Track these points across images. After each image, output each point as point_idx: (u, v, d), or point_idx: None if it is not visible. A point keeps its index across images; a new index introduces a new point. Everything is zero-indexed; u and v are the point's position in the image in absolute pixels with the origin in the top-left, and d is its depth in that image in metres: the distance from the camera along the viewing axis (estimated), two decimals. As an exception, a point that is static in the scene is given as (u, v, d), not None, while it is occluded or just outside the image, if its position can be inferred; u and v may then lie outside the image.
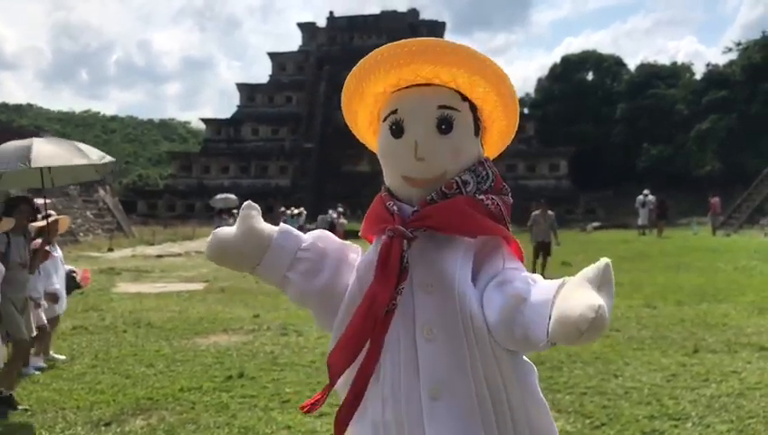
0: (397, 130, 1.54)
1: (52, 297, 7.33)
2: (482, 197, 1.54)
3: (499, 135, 1.71)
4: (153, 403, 5.80)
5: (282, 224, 1.72)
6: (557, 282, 1.38)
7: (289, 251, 1.63)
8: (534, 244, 15.28)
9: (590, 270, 1.31)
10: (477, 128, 1.62)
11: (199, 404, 5.74)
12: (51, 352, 7.46)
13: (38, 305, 6.80)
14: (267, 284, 1.71)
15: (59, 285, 7.56)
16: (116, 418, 5.43)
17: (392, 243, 1.50)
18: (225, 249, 1.63)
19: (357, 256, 1.69)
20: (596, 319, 1.20)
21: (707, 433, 4.92)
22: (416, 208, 1.53)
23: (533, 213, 15.77)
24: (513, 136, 1.73)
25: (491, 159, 1.70)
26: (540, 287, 1.42)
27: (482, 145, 1.67)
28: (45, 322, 7.00)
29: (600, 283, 1.28)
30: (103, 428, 5.23)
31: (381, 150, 1.61)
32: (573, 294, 1.28)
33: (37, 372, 6.85)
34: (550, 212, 15.80)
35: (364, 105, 1.66)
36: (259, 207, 1.67)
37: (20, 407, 5.73)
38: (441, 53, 1.50)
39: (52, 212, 7.37)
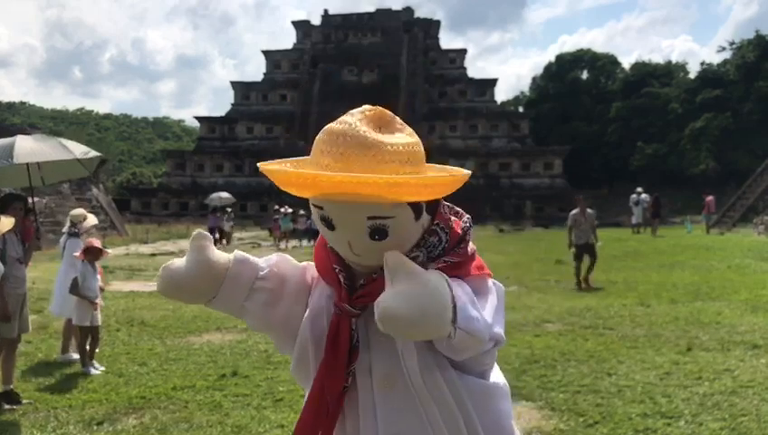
0: (328, 225, 1.43)
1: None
2: (431, 266, 1.42)
3: (443, 194, 1.47)
4: (146, 402, 5.78)
5: (236, 252, 1.60)
6: None
7: (246, 281, 1.56)
8: (575, 247, 13.43)
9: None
10: (419, 213, 1.44)
11: (192, 403, 5.72)
12: (69, 351, 7.45)
13: (94, 304, 6.90)
14: (224, 313, 1.66)
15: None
16: (108, 417, 5.41)
17: (340, 322, 1.49)
18: (179, 283, 1.51)
19: (313, 274, 1.65)
20: (380, 315, 1.23)
21: (700, 431, 4.92)
22: (362, 282, 1.49)
23: (572, 212, 13.76)
24: (454, 185, 1.46)
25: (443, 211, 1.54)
26: None
27: (433, 210, 1.50)
28: (98, 321, 7.08)
29: (391, 277, 1.28)
30: (96, 427, 5.20)
31: (319, 230, 1.50)
32: None
33: (98, 371, 6.81)
34: (590, 211, 13.86)
35: (290, 189, 1.44)
36: (210, 237, 1.55)
37: (24, 401, 5.76)
38: (356, 187, 1.29)
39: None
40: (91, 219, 8.08)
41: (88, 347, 6.94)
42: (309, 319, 1.57)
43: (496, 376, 1.59)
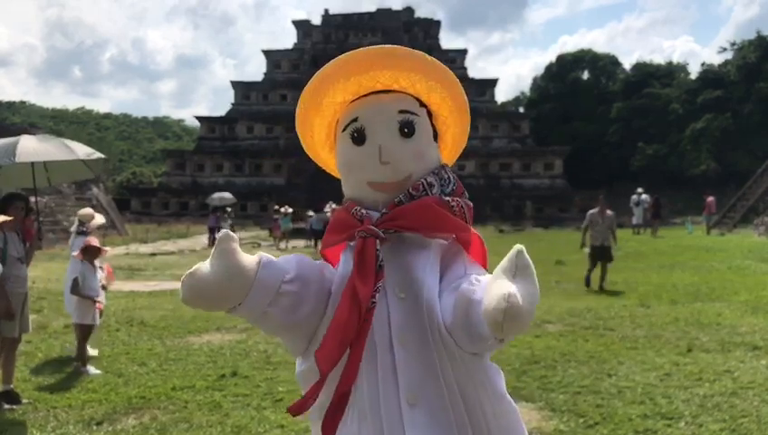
0: (359, 138, 1.55)
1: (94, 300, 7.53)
2: (448, 198, 1.55)
3: (453, 142, 1.74)
4: (145, 402, 5.78)
5: (262, 255, 1.51)
6: (491, 277, 1.37)
7: (272, 286, 1.47)
8: (591, 249, 12.87)
9: (505, 260, 1.31)
10: (435, 133, 1.65)
11: (192, 403, 5.72)
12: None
13: (95, 303, 6.93)
14: (240, 319, 1.64)
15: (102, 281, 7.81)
16: (108, 417, 5.41)
17: (365, 243, 1.48)
18: (207, 292, 1.40)
19: (329, 273, 1.62)
20: (509, 308, 1.21)
21: (700, 432, 4.92)
22: (384, 211, 1.52)
23: (590, 212, 13.14)
24: (465, 142, 1.76)
25: (448, 165, 1.71)
26: (482, 286, 1.40)
27: (439, 152, 1.69)
28: (98, 320, 7.12)
29: (516, 270, 1.29)
30: (95, 427, 5.20)
31: (343, 160, 1.60)
32: (491, 288, 1.28)
33: (97, 372, 6.79)
34: (610, 212, 13.06)
35: (321, 117, 1.65)
36: (237, 237, 1.46)
37: (24, 401, 5.77)
38: (400, 58, 1.54)
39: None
40: (99, 219, 8.11)
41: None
42: (335, 295, 1.54)
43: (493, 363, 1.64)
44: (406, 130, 1.55)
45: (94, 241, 7.18)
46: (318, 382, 1.49)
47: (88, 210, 8.22)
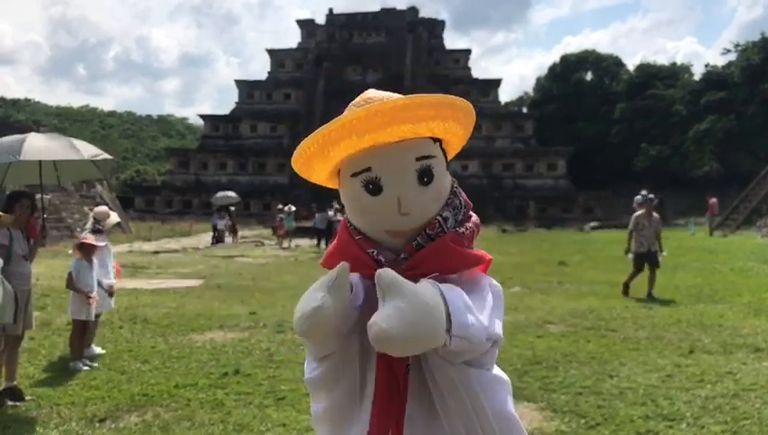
0: (374, 189, 1.46)
1: (109, 290, 7.65)
2: (461, 229, 1.52)
3: (458, 141, 1.65)
4: (148, 400, 5.79)
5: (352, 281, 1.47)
6: None
7: (350, 313, 1.46)
8: (635, 255, 12.02)
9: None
10: (446, 158, 1.59)
11: (194, 401, 5.73)
12: (92, 346, 7.48)
13: (89, 298, 6.96)
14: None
15: (113, 278, 7.88)
16: (111, 414, 5.42)
17: None
18: (325, 326, 1.36)
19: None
20: (373, 337, 1.21)
21: (702, 434, 4.92)
22: (404, 256, 1.49)
23: (635, 214, 12.27)
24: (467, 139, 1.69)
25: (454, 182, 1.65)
26: None
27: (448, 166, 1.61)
28: (93, 316, 7.16)
29: (383, 293, 1.26)
30: (98, 424, 5.22)
31: (356, 205, 1.52)
32: None
33: (86, 368, 6.85)
34: (656, 215, 12.21)
35: (326, 164, 1.53)
36: (348, 268, 1.41)
37: (27, 398, 5.79)
38: (419, 108, 1.43)
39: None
40: (114, 217, 8.14)
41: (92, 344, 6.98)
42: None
43: (498, 371, 1.59)
44: (425, 179, 1.48)
45: (89, 238, 7.20)
46: None
47: (104, 208, 8.26)
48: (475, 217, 1.60)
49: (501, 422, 1.51)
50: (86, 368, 6.84)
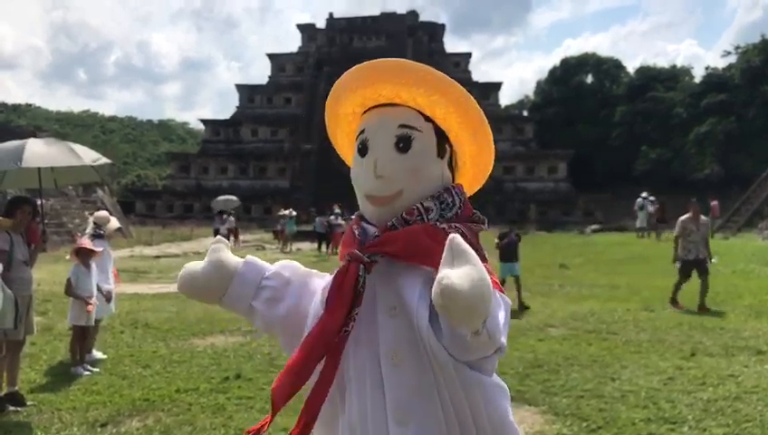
0: (363, 150, 1.59)
1: (108, 296, 7.64)
2: (444, 225, 1.50)
3: (472, 162, 1.70)
4: (149, 404, 5.79)
5: (247, 256, 1.75)
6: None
7: (253, 281, 1.68)
8: (682, 263, 11.08)
9: (444, 252, 1.29)
10: (442, 150, 1.61)
11: (196, 406, 5.73)
12: (93, 351, 7.48)
13: (89, 304, 6.95)
14: (236, 314, 1.76)
15: (113, 284, 7.88)
16: (112, 419, 5.43)
17: (349, 267, 1.50)
18: (194, 281, 1.67)
19: (322, 281, 1.68)
20: (443, 289, 1.19)
21: (704, 437, 4.92)
22: (376, 234, 1.53)
23: (681, 219, 11.26)
24: (490, 164, 1.73)
25: (470, 192, 1.70)
26: None
27: (451, 170, 1.65)
28: (93, 322, 7.17)
29: (453, 257, 1.26)
30: (99, 429, 5.22)
31: (352, 172, 1.64)
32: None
33: (87, 373, 6.86)
34: (704, 218, 11.35)
35: (340, 128, 1.74)
36: (226, 241, 1.75)
37: (28, 403, 5.81)
38: (401, 71, 1.54)
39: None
40: (115, 222, 8.18)
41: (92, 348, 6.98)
42: (320, 296, 1.59)
43: (498, 379, 1.59)
44: (401, 145, 1.54)
45: (87, 243, 7.21)
46: (270, 413, 1.61)
47: (104, 213, 8.27)
48: (475, 225, 1.59)
49: (498, 427, 1.52)
50: (87, 373, 6.84)
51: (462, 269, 1.23)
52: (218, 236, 1.78)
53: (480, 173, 1.76)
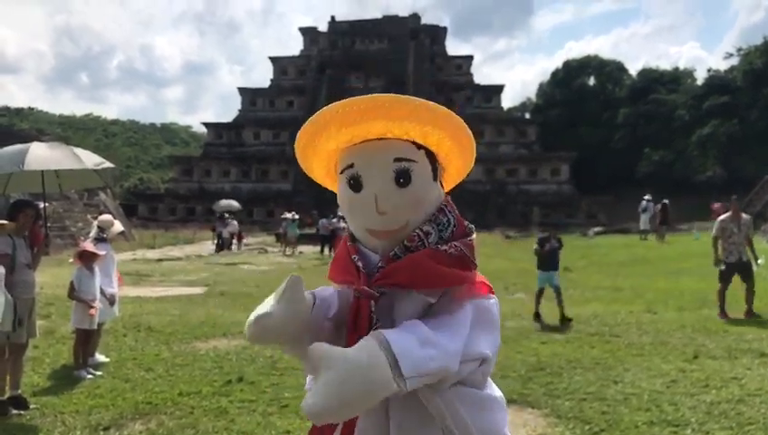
0: (355, 185, 1.53)
1: (111, 299, 7.62)
2: (444, 247, 1.52)
3: (456, 172, 1.71)
4: (152, 408, 5.79)
5: (315, 294, 1.59)
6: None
7: (318, 324, 1.56)
8: (724, 266, 10.38)
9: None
10: (437, 173, 1.60)
11: (198, 409, 5.73)
12: (96, 354, 7.49)
13: (92, 307, 6.96)
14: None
15: (116, 287, 7.88)
16: (115, 422, 5.42)
17: (360, 304, 1.52)
18: (270, 334, 1.49)
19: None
20: (307, 415, 1.25)
21: (707, 440, 4.91)
22: (380, 265, 1.53)
23: (720, 218, 10.71)
24: (468, 171, 1.72)
25: (447, 190, 1.70)
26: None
27: (442, 186, 1.65)
28: (96, 325, 7.16)
29: (314, 371, 1.28)
30: (102, 432, 5.22)
31: (342, 203, 1.60)
32: None
33: (90, 377, 6.86)
34: (745, 216, 10.67)
35: (318, 159, 1.65)
36: (303, 280, 1.49)
37: (31, 406, 5.80)
38: (390, 108, 1.48)
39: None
40: (118, 226, 8.21)
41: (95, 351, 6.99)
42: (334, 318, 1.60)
43: (491, 390, 1.61)
44: (401, 181, 1.51)
45: (89, 246, 7.22)
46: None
47: (108, 217, 8.29)
48: (470, 239, 1.59)
49: None
50: (90, 376, 6.84)
51: (319, 380, 1.24)
52: (295, 277, 1.48)
53: (460, 178, 1.74)
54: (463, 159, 1.65)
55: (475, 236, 1.62)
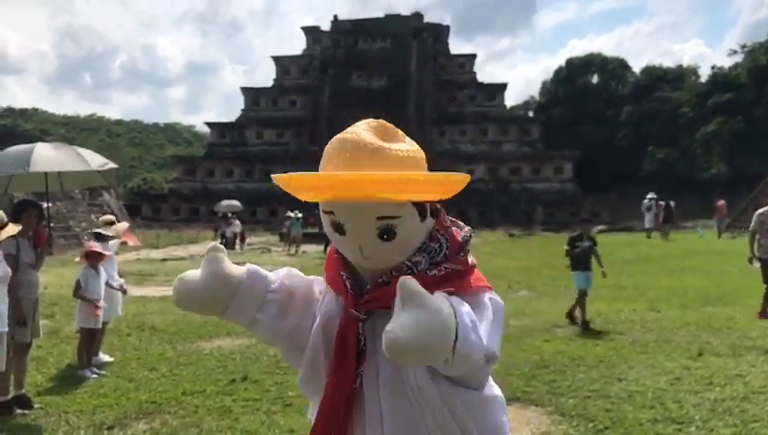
0: (339, 230, 1.50)
1: (122, 288, 7.93)
2: (434, 271, 1.51)
3: (446, 195, 1.58)
4: (156, 407, 5.81)
5: (249, 265, 1.66)
6: None
7: (258, 293, 1.63)
8: (761, 262, 9.77)
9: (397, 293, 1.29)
10: (424, 215, 1.53)
11: (202, 408, 5.74)
12: (100, 354, 7.52)
13: (97, 307, 7.02)
14: (234, 324, 1.72)
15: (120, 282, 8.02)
16: (119, 422, 5.44)
17: (348, 326, 1.55)
18: (194, 295, 1.58)
19: (321, 288, 1.72)
20: (387, 345, 1.22)
21: (711, 437, 4.90)
22: (369, 288, 1.55)
23: (758, 212, 9.97)
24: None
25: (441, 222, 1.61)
26: None
27: (433, 213, 1.58)
28: (101, 324, 7.22)
29: (403, 302, 1.26)
30: (106, 431, 5.23)
31: (330, 234, 1.55)
32: None
33: (94, 376, 6.90)
34: None
35: (296, 194, 1.53)
36: (224, 249, 1.62)
37: (35, 406, 5.83)
38: (375, 186, 1.36)
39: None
40: (121, 227, 8.29)
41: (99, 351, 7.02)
42: (321, 325, 1.62)
43: (491, 389, 1.61)
44: (385, 237, 1.47)
45: (96, 247, 7.24)
46: None
47: (110, 217, 8.41)
48: (463, 254, 1.57)
49: None
50: (94, 376, 6.86)
51: (409, 315, 1.23)
52: (214, 243, 1.63)
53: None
54: (448, 188, 1.51)
55: (473, 240, 1.62)
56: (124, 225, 8.27)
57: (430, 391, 1.47)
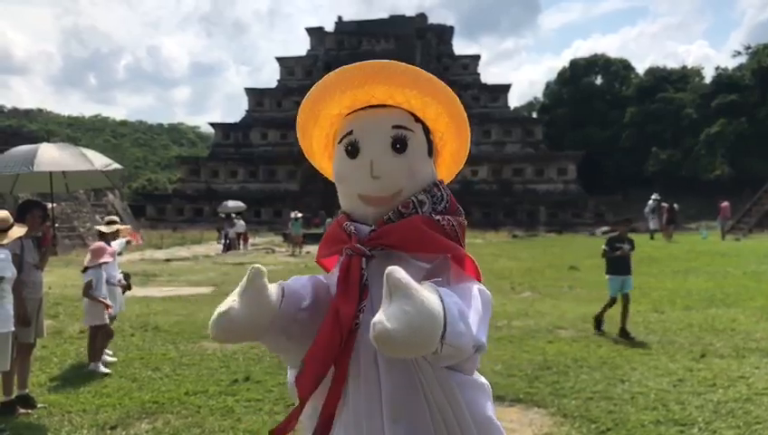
0: (353, 151, 1.58)
1: (127, 278, 8.10)
2: (438, 217, 1.56)
3: (451, 157, 1.76)
4: (159, 407, 5.82)
5: (283, 285, 1.55)
6: None
7: (290, 316, 1.53)
8: None
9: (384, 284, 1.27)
10: (430, 149, 1.66)
11: (205, 408, 5.75)
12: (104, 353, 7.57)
13: (108, 305, 7.12)
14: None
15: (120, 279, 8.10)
16: (122, 421, 5.45)
17: (351, 261, 1.52)
18: (237, 331, 1.46)
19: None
20: (377, 336, 1.20)
21: (714, 439, 4.89)
22: (373, 228, 1.55)
23: None
24: (465, 159, 1.77)
25: (445, 182, 1.72)
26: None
27: (435, 167, 1.69)
28: (108, 321, 7.29)
29: (391, 293, 1.25)
30: (109, 431, 5.24)
31: (337, 171, 1.64)
32: None
33: (105, 370, 7.00)
34: None
35: (319, 128, 1.69)
36: (265, 272, 1.46)
37: (39, 405, 5.85)
38: (394, 73, 1.56)
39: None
40: (124, 229, 8.41)
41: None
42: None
43: (477, 376, 1.62)
44: (398, 146, 1.56)
45: (107, 247, 7.33)
46: (297, 407, 1.55)
47: (113, 218, 8.50)
48: (461, 219, 1.62)
49: (480, 426, 1.54)
50: (105, 369, 6.92)
51: (397, 307, 1.22)
52: (257, 267, 1.44)
53: (455, 166, 1.79)
54: (458, 142, 1.71)
55: (465, 221, 1.64)
56: (127, 227, 8.39)
57: (421, 361, 1.46)
